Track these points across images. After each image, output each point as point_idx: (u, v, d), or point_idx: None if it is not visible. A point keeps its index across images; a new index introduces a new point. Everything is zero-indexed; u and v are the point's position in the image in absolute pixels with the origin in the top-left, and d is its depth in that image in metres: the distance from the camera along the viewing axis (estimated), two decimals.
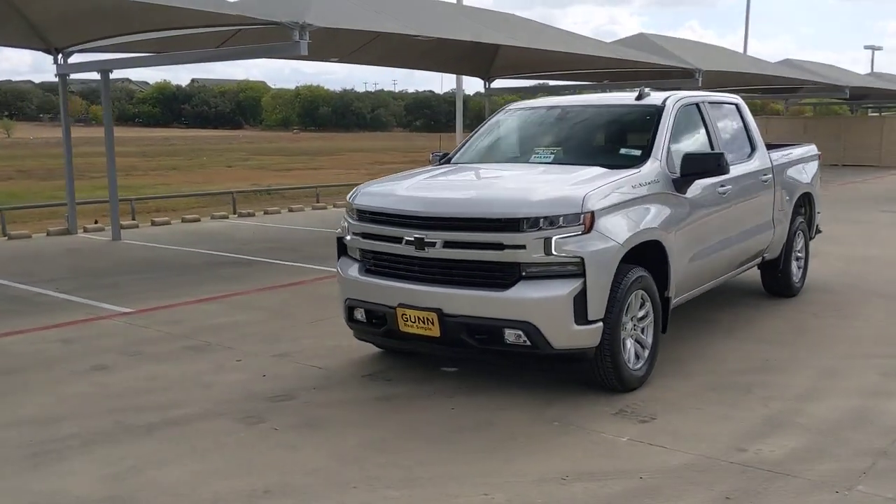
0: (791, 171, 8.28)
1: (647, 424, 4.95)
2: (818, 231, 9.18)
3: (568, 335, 5.09)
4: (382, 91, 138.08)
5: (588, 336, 5.14)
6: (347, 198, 6.10)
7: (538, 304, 5.06)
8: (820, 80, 25.37)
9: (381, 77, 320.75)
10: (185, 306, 8.32)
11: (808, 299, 8.29)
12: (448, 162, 6.96)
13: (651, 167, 5.91)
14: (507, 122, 7.34)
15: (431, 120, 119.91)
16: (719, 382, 5.70)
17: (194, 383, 5.84)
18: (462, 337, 5.27)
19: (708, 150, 6.71)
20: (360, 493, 4.09)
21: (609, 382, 5.40)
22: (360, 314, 5.82)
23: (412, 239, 5.37)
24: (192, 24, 11.01)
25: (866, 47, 49.18)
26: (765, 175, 7.58)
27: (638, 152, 6.15)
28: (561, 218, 5.09)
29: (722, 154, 6.24)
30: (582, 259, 5.06)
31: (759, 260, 7.79)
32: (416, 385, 5.72)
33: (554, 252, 5.05)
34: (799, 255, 8.52)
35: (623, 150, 6.31)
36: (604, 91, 19.03)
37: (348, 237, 5.97)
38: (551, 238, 5.05)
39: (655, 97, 6.69)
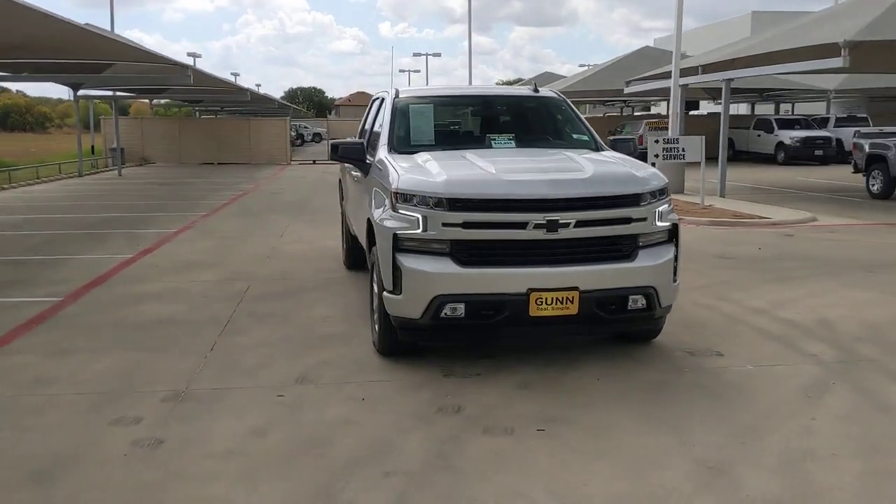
0: None
1: (727, 357, 6.02)
2: None
3: (670, 294, 5.81)
4: None
5: (676, 293, 5.90)
6: (411, 188, 5.47)
7: (659, 269, 5.63)
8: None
9: None
10: None
11: None
12: (395, 150, 6.48)
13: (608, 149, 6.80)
14: (418, 108, 7.07)
15: None
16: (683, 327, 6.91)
17: (325, 432, 4.68)
18: (595, 311, 5.46)
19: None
20: (734, 451, 4.44)
21: (658, 330, 6.24)
22: (453, 310, 5.36)
23: (543, 222, 5.30)
24: None
25: (189, 54, 53.71)
26: None
27: (586, 137, 6.93)
28: (658, 192, 5.73)
29: (634, 138, 7.43)
30: (676, 226, 5.80)
31: None
32: (494, 384, 5.52)
33: (660, 222, 5.68)
34: None
35: (576, 136, 6.99)
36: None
37: (418, 231, 5.38)
38: (658, 210, 5.66)
39: (544, 90, 7.48)
